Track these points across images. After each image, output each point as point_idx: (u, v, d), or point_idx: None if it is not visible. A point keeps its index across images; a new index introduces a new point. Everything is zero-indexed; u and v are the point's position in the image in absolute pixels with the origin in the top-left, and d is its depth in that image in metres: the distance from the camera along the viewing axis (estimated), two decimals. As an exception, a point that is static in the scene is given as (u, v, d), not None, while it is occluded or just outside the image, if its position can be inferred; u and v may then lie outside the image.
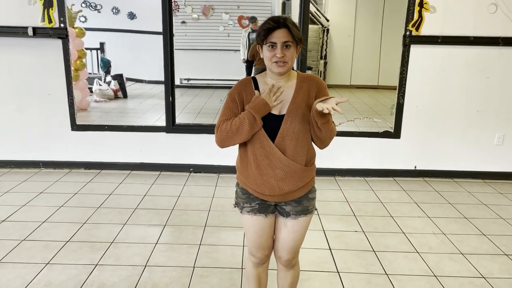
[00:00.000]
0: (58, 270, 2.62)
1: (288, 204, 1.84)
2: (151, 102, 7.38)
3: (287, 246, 1.90)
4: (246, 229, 1.92)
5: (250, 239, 1.92)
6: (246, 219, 1.89)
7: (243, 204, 1.88)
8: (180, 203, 3.66)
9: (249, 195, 1.85)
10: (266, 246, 1.93)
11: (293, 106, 1.75)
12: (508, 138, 4.27)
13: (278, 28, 1.66)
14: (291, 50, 1.69)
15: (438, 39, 4.01)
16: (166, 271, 2.63)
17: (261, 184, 1.79)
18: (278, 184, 1.77)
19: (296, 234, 1.88)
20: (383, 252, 2.92)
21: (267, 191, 1.79)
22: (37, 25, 4.01)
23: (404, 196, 3.92)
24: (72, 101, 4.25)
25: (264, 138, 1.74)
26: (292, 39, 1.67)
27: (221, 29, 8.87)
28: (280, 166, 1.75)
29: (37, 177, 4.20)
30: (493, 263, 2.80)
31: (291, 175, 1.76)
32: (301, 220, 1.86)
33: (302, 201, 1.85)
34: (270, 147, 1.74)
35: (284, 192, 1.78)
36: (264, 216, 1.86)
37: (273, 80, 1.78)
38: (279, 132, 1.74)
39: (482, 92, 4.17)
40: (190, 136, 4.36)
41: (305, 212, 1.86)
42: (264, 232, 1.88)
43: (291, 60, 1.71)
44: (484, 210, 3.63)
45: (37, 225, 3.20)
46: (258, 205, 1.85)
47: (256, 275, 2.02)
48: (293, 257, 1.96)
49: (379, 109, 7.08)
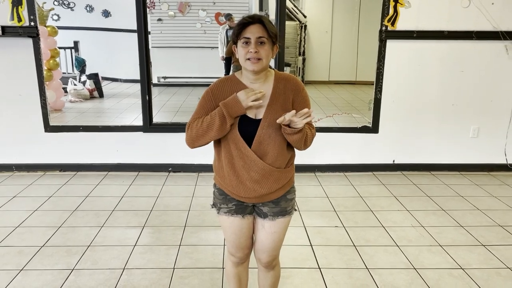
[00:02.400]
0: (33, 276, 2.54)
1: (265, 205, 1.80)
2: (128, 101, 7.26)
3: (266, 248, 1.86)
4: (224, 229, 1.88)
5: (229, 240, 1.89)
6: (223, 220, 1.85)
7: (220, 204, 1.83)
8: (159, 204, 3.61)
9: (226, 196, 1.81)
10: (245, 246, 1.90)
11: (270, 111, 1.68)
12: (483, 130, 4.35)
13: (253, 24, 1.62)
14: (266, 47, 1.62)
15: (413, 33, 4.05)
16: (145, 274, 2.58)
17: (236, 185, 1.74)
18: (253, 186, 1.72)
19: (274, 235, 1.83)
20: (364, 246, 2.93)
21: (242, 192, 1.75)
22: (6, 24, 3.88)
23: (383, 190, 3.95)
24: (45, 102, 4.13)
25: (239, 141, 1.68)
26: (266, 35, 1.62)
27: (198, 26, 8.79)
28: (255, 169, 1.70)
29: (10, 181, 4.08)
30: (471, 254, 2.84)
31: (267, 178, 1.72)
32: (279, 222, 1.81)
33: (280, 202, 1.80)
34: (245, 149, 1.68)
35: (259, 194, 1.74)
36: (241, 217, 1.82)
37: (249, 80, 1.70)
38: (255, 137, 1.67)
39: (457, 85, 4.23)
40: (168, 135, 4.30)
41: (283, 213, 1.81)
42: (242, 232, 1.85)
43: (266, 58, 1.63)
44: (461, 202, 3.69)
45: (10, 230, 3.10)
46: (235, 206, 1.80)
47: (236, 274, 1.99)
48: (273, 259, 1.92)
49: (357, 104, 7.14)
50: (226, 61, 7.28)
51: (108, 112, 6.84)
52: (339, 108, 6.77)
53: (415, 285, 2.49)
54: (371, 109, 4.31)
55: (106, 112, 6.91)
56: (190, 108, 6.84)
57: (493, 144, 4.39)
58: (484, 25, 4.05)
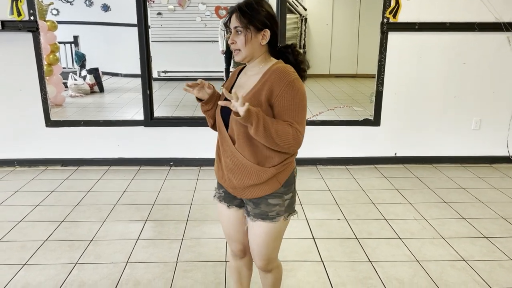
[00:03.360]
0: (36, 271, 2.54)
1: (248, 203, 1.74)
2: (129, 96, 7.24)
3: (253, 249, 1.79)
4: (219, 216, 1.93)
5: (222, 227, 1.93)
6: (217, 206, 1.89)
7: (216, 189, 1.88)
8: (161, 198, 3.61)
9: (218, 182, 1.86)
10: (236, 239, 1.87)
11: (247, 96, 1.60)
12: (485, 122, 4.34)
13: (233, 13, 1.61)
14: (241, 36, 1.58)
15: (415, 25, 4.02)
16: (148, 267, 2.58)
17: (217, 170, 1.79)
18: (227, 175, 1.71)
19: (257, 239, 1.74)
20: (366, 239, 2.93)
21: (221, 180, 1.78)
22: (5, 19, 3.86)
23: (385, 183, 3.95)
24: (46, 97, 4.12)
25: (221, 124, 1.71)
26: (243, 24, 1.56)
27: (198, 20, 8.74)
28: (229, 156, 1.68)
29: (12, 176, 4.08)
30: (474, 246, 2.84)
31: (239, 168, 1.65)
32: (258, 225, 1.71)
33: (260, 205, 1.69)
34: (223, 133, 1.70)
35: (233, 185, 1.70)
36: (226, 206, 1.82)
37: (247, 68, 1.72)
38: (229, 119, 1.67)
39: (459, 77, 4.21)
40: (169, 129, 4.29)
41: (263, 217, 1.69)
42: (229, 222, 1.84)
43: (244, 47, 1.59)
44: (464, 194, 3.69)
45: (13, 225, 3.10)
46: (224, 193, 1.82)
47: (236, 268, 1.99)
48: (265, 264, 1.81)
49: (358, 97, 7.11)
50: (227, 55, 7.25)
51: (109, 107, 6.82)
52: (340, 101, 6.75)
53: (418, 277, 2.49)
54: (373, 102, 4.30)
55: (107, 106, 6.89)
56: (191, 102, 6.84)
57: (495, 136, 4.37)
58: (487, 17, 4.02)
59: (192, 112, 5.82)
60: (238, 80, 1.75)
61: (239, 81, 1.74)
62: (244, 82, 1.70)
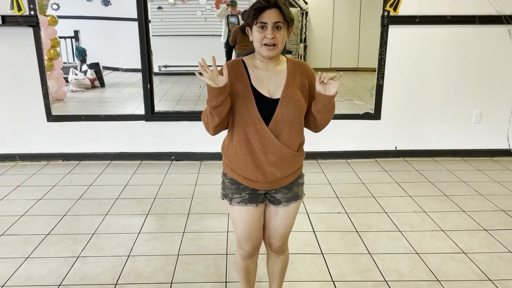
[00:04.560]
0: (39, 264, 2.56)
1: (278, 192, 1.80)
2: (129, 90, 7.24)
3: (279, 233, 1.88)
4: (235, 220, 1.85)
5: (239, 231, 1.86)
6: (235, 211, 1.81)
7: (232, 195, 1.79)
8: (163, 192, 3.62)
9: (239, 185, 1.77)
10: (256, 237, 1.87)
11: (288, 90, 1.68)
12: (485, 115, 4.34)
13: (269, 8, 1.60)
14: (282, 32, 1.62)
15: (415, 19, 4.01)
16: (150, 260, 2.60)
17: (253, 169, 1.71)
18: (270, 169, 1.71)
19: (287, 221, 1.86)
20: (366, 232, 2.95)
21: (260, 177, 1.72)
22: (6, 13, 3.86)
23: (385, 176, 3.96)
24: (47, 91, 4.13)
25: (259, 122, 1.66)
26: (283, 20, 1.61)
27: (199, 14, 8.73)
28: (272, 151, 1.69)
29: (14, 171, 4.10)
30: (473, 238, 2.85)
31: (283, 160, 1.72)
32: (292, 207, 1.84)
33: (293, 187, 1.82)
34: (264, 130, 1.67)
35: (276, 177, 1.73)
36: (254, 206, 1.79)
37: (262, 62, 1.70)
38: (273, 116, 1.66)
39: (459, 71, 4.21)
40: (170, 123, 4.30)
41: (295, 198, 1.84)
42: (254, 222, 1.82)
43: (282, 42, 1.63)
44: (464, 187, 3.70)
45: (15, 219, 3.13)
46: (249, 195, 1.78)
47: (244, 267, 1.99)
48: (283, 243, 1.94)
49: (359, 91, 7.11)
50: (227, 49, 7.23)
51: (110, 102, 6.83)
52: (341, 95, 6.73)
53: (418, 269, 2.51)
54: (373, 96, 4.30)
55: (108, 101, 6.90)
56: (192, 97, 6.85)
57: (496, 129, 4.38)
58: (487, 9, 4.01)
59: (193, 106, 5.84)
60: (255, 74, 1.70)
61: (258, 75, 1.70)
62: (269, 76, 1.69)
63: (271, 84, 1.70)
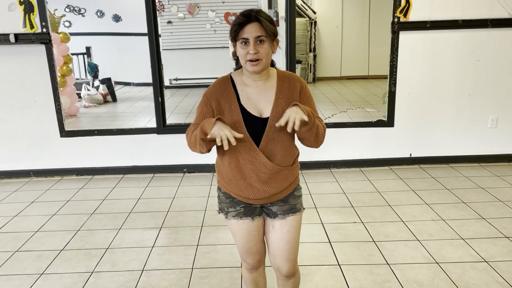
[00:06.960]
0: (53, 280, 2.55)
1: (274, 205, 1.75)
2: (141, 104, 7.29)
3: (282, 251, 1.78)
4: (234, 234, 1.83)
5: (239, 245, 1.83)
6: (232, 224, 1.79)
7: (228, 209, 1.78)
8: (176, 205, 3.61)
9: (233, 199, 1.76)
10: (256, 251, 1.84)
11: (277, 108, 1.63)
12: (502, 120, 4.25)
13: (249, 23, 1.55)
14: (265, 45, 1.57)
15: (426, 24, 3.97)
16: (164, 274, 2.58)
17: (244, 188, 1.69)
18: (262, 187, 1.68)
19: (288, 235, 1.76)
20: (383, 241, 2.88)
21: (251, 195, 1.70)
22: (19, 31, 3.92)
23: (400, 184, 3.89)
24: (60, 107, 4.17)
25: (249, 143, 1.63)
26: (265, 33, 1.56)
27: (208, 27, 8.79)
28: (264, 171, 1.66)
29: (28, 187, 4.13)
30: (494, 246, 2.77)
31: (275, 177, 1.68)
32: (289, 220, 1.76)
33: (289, 200, 1.76)
34: (255, 151, 1.63)
35: (269, 194, 1.70)
36: (251, 220, 1.76)
37: (249, 78, 1.66)
38: (263, 136, 1.63)
39: (473, 75, 4.14)
40: (182, 136, 4.22)
41: (293, 210, 1.76)
42: (251, 236, 1.79)
43: (266, 57, 1.58)
44: (482, 194, 3.61)
45: (30, 235, 3.14)
46: (244, 208, 1.75)
47: (252, 280, 1.96)
48: (292, 266, 1.82)
49: (371, 99, 7.05)
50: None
51: (122, 116, 6.88)
52: (353, 103, 6.69)
53: (438, 279, 2.44)
54: (386, 103, 4.25)
55: (120, 115, 6.95)
56: (203, 109, 6.85)
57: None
58: (499, 12, 3.96)
59: (204, 118, 5.82)
60: (244, 93, 1.67)
61: (247, 93, 1.67)
62: (258, 92, 1.66)
63: (260, 101, 1.66)
